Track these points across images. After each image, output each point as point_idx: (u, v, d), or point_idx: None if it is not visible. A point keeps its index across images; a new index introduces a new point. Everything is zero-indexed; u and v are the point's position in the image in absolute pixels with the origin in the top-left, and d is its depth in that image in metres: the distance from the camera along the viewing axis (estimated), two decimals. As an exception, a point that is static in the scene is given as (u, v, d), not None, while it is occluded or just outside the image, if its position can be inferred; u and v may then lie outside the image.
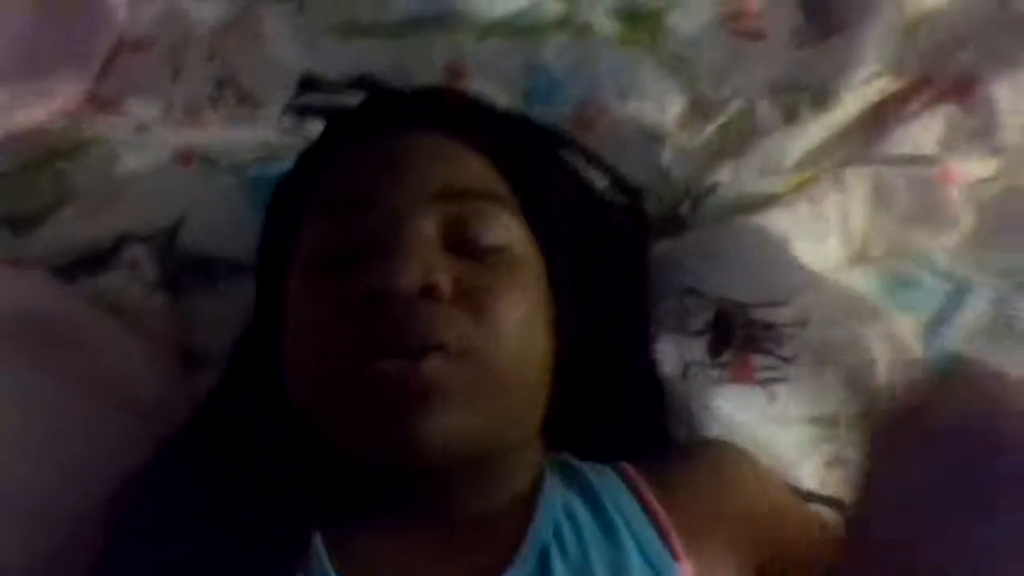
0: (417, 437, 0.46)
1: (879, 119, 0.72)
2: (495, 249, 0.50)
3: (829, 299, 0.60)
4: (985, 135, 0.70)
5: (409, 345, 0.46)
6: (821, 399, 0.60)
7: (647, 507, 0.51)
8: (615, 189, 0.63)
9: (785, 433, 0.59)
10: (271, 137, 0.72)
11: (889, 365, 0.60)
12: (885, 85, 0.73)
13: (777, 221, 0.62)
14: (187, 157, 0.70)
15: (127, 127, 0.74)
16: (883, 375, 0.60)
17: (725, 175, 0.69)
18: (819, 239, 0.62)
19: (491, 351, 0.47)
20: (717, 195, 0.67)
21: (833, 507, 0.56)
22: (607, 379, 0.57)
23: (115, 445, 0.56)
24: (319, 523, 0.48)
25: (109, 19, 0.82)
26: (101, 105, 0.78)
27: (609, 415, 0.57)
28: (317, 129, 0.65)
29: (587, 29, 0.79)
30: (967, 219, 0.66)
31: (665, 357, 0.61)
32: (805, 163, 0.70)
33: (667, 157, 0.71)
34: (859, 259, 0.64)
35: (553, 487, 0.51)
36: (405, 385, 0.46)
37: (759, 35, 0.79)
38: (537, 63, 0.78)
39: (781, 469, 0.57)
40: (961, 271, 0.63)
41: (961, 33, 0.75)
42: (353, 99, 0.62)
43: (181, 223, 0.66)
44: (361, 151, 0.54)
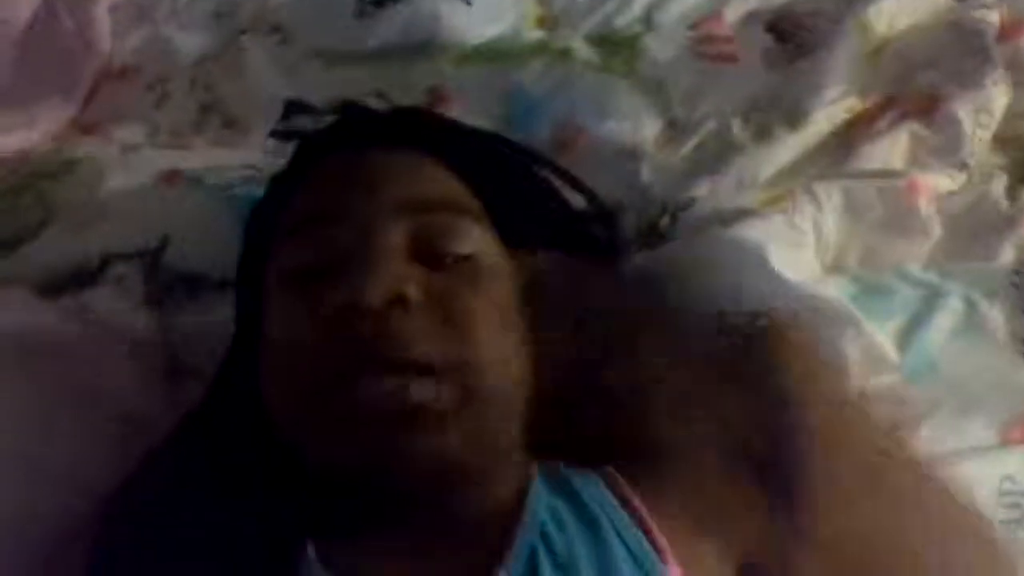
0: (403, 457, 0.46)
1: (848, 137, 0.74)
2: (463, 258, 0.51)
3: (803, 307, 0.61)
4: (949, 151, 0.72)
5: (382, 358, 0.47)
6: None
7: (633, 511, 0.51)
8: (590, 207, 0.64)
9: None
10: (256, 159, 0.73)
11: (863, 371, 0.61)
12: (853, 105, 0.76)
13: (753, 232, 0.63)
14: (172, 177, 0.70)
15: (112, 149, 0.75)
16: (858, 381, 0.61)
17: (702, 191, 0.70)
18: (794, 248, 0.64)
19: (463, 361, 0.48)
20: (694, 209, 0.69)
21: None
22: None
23: (104, 459, 0.56)
24: (311, 533, 0.48)
25: (93, 48, 0.83)
26: (86, 130, 0.79)
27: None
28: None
29: (565, 54, 0.82)
30: (936, 230, 0.67)
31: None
32: (778, 179, 0.71)
33: (646, 174, 0.73)
34: (833, 269, 0.66)
35: (539, 491, 0.52)
36: (389, 408, 0.46)
37: (731, 58, 0.81)
38: (516, 88, 0.80)
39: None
40: (933, 279, 0.64)
41: (923, 55, 0.78)
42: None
43: (167, 241, 0.67)
44: (330, 167, 0.55)
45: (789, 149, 0.73)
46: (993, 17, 0.77)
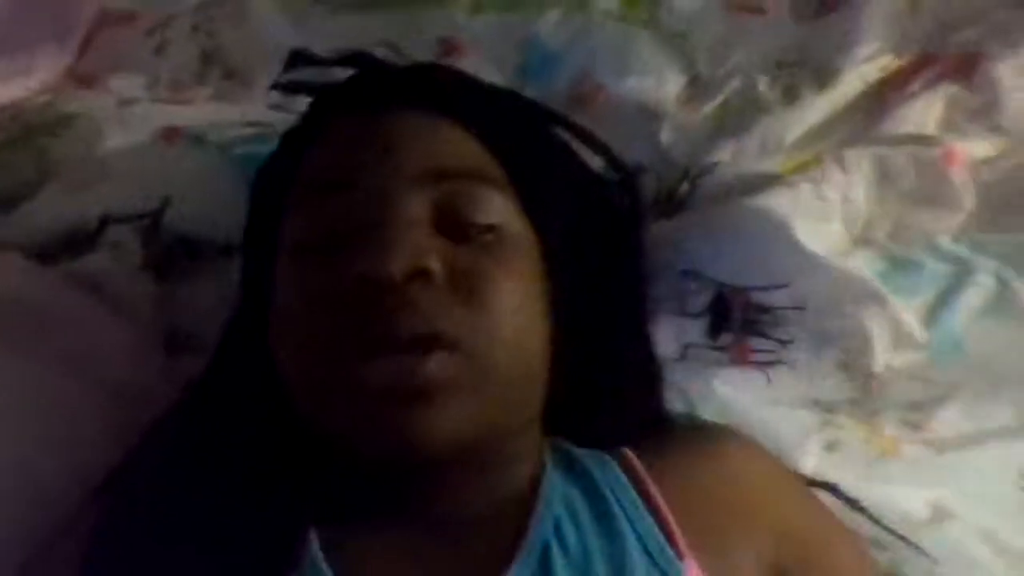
0: (417, 434, 0.44)
1: (880, 98, 0.71)
2: (488, 228, 0.48)
3: (829, 282, 0.59)
4: (987, 115, 0.68)
5: (401, 335, 0.45)
6: (819, 383, 0.59)
7: (648, 500, 0.50)
8: (610, 168, 0.62)
9: (783, 416, 0.58)
10: (258, 114, 0.70)
11: (888, 349, 0.59)
12: (886, 63, 0.72)
13: (779, 202, 0.60)
14: (172, 134, 0.68)
15: (110, 103, 0.72)
16: (882, 359, 0.59)
17: (725, 154, 0.67)
18: (821, 221, 0.61)
19: (487, 338, 0.46)
20: (716, 175, 0.66)
21: (831, 492, 0.56)
22: (604, 361, 0.56)
23: (99, 430, 0.55)
24: (313, 520, 0.47)
25: (89, -8, 0.80)
26: (82, 81, 0.77)
27: (606, 398, 0.56)
28: (306, 106, 0.63)
29: (583, 3, 0.78)
30: (970, 200, 0.65)
31: (664, 339, 0.60)
32: (806, 142, 0.68)
33: (666, 136, 0.70)
34: (862, 241, 0.63)
35: (554, 479, 0.50)
36: (401, 387, 0.44)
37: (758, 10, 0.77)
38: (532, 38, 0.77)
39: (779, 453, 0.56)
40: (963, 253, 0.62)
41: (964, 10, 0.74)
42: (344, 75, 0.60)
43: (167, 204, 0.65)
44: (348, 128, 0.52)
45: (818, 110, 0.70)
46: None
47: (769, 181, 0.63)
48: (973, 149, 0.66)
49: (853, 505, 0.55)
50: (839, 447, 0.58)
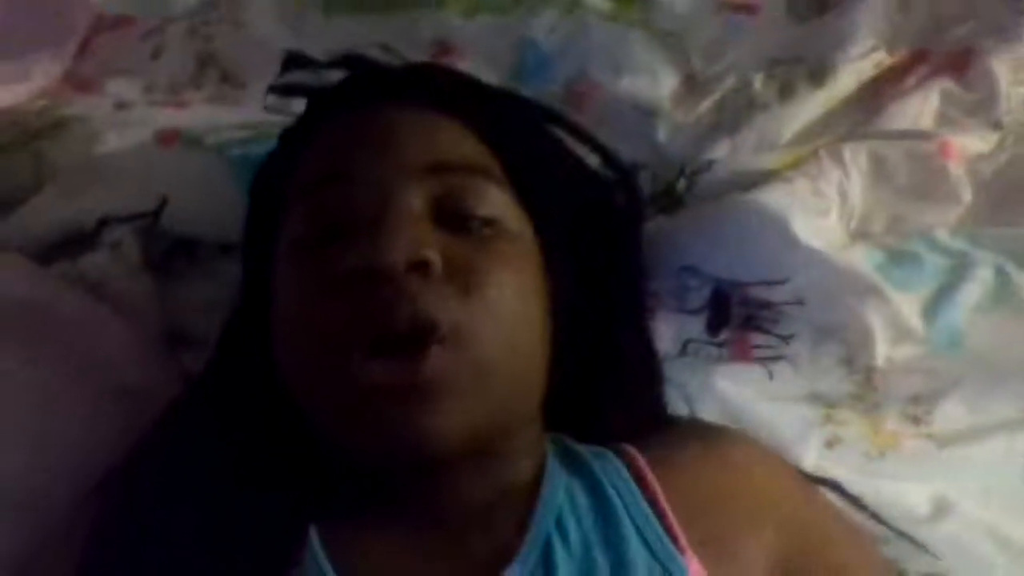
0: (418, 432, 0.44)
1: (875, 94, 0.71)
2: (486, 222, 0.48)
3: (828, 277, 0.59)
4: (982, 110, 0.69)
5: (400, 325, 0.44)
6: (820, 377, 0.59)
7: (649, 494, 0.49)
8: (607, 165, 0.62)
9: (784, 412, 0.58)
10: (255, 117, 0.70)
11: (889, 343, 0.59)
12: (881, 60, 0.72)
13: (776, 198, 0.60)
14: (169, 137, 0.68)
15: (106, 106, 0.72)
16: (882, 353, 0.59)
17: (721, 152, 0.68)
18: (818, 215, 0.61)
19: (485, 330, 0.46)
20: (713, 172, 0.66)
21: (832, 489, 0.55)
22: (604, 357, 0.56)
23: (102, 432, 0.55)
24: (314, 516, 0.47)
25: (85, -3, 0.80)
26: (79, 85, 0.76)
27: (607, 394, 0.55)
28: (301, 108, 0.63)
29: (577, 4, 0.78)
30: (967, 194, 0.65)
31: (663, 334, 0.60)
32: (802, 139, 0.69)
33: (662, 134, 0.70)
34: (859, 235, 0.63)
35: (555, 473, 0.50)
36: (402, 383, 0.44)
37: (752, 9, 0.78)
38: (526, 39, 0.77)
39: (780, 449, 0.56)
40: (961, 247, 0.62)
41: (957, 6, 0.74)
42: (339, 77, 0.60)
43: (164, 204, 0.64)
44: (345, 125, 0.52)
45: (813, 107, 0.70)
46: (1032, -36, 0.73)
47: (766, 177, 0.63)
48: (969, 143, 0.66)
49: (855, 502, 0.55)
50: (840, 442, 0.57)
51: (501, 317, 0.46)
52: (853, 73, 0.71)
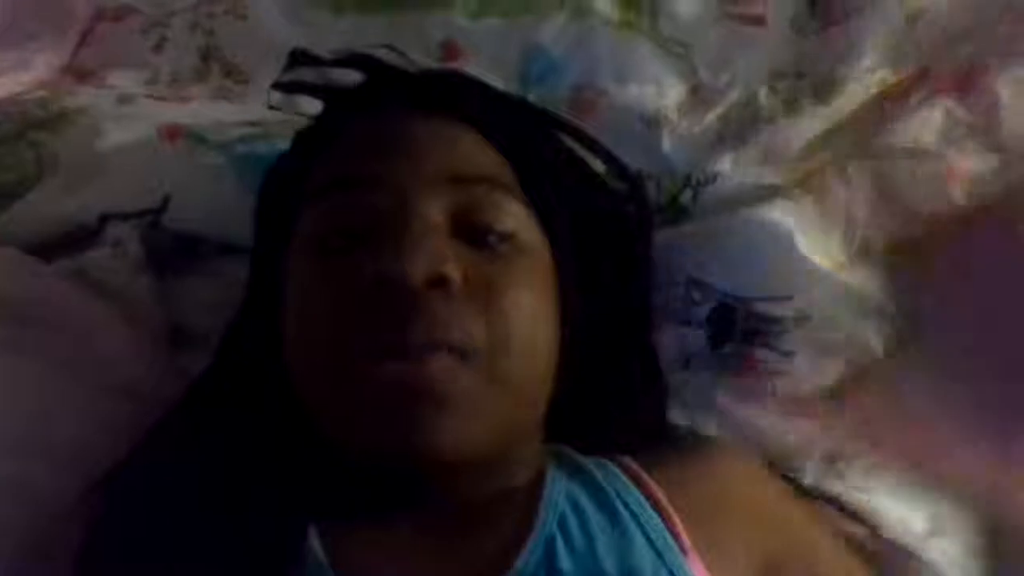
0: (423, 438, 0.44)
1: (880, 112, 0.71)
2: (504, 237, 0.49)
3: (831, 295, 0.59)
4: (985, 130, 0.69)
5: (413, 341, 0.45)
6: (821, 395, 0.59)
7: (652, 499, 0.50)
8: (615, 175, 0.62)
9: (784, 427, 0.59)
10: (258, 114, 0.69)
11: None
12: (884, 77, 0.73)
13: (782, 214, 0.61)
14: (172, 133, 0.67)
15: (108, 98, 0.71)
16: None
17: (726, 164, 0.67)
18: (823, 233, 0.61)
19: (503, 349, 0.46)
20: (718, 184, 0.66)
21: (832, 504, 0.56)
22: (609, 368, 0.56)
23: (100, 432, 0.54)
24: (315, 517, 0.47)
25: (86, -13, 0.79)
26: (80, 76, 0.75)
27: (610, 407, 0.56)
28: (307, 106, 0.63)
29: (585, 10, 0.78)
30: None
31: (666, 347, 0.60)
32: (807, 153, 0.69)
33: (667, 145, 0.70)
34: (862, 255, 0.63)
35: (556, 478, 0.50)
36: (410, 387, 0.44)
37: (759, 21, 0.77)
38: (533, 44, 0.77)
39: (781, 464, 0.57)
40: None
41: (962, 25, 0.74)
42: (345, 76, 0.60)
43: (167, 202, 0.64)
44: (368, 129, 0.52)
45: (817, 122, 0.70)
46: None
47: (771, 192, 0.63)
48: (972, 164, 0.67)
49: (854, 516, 0.55)
50: (840, 458, 0.58)
51: (518, 335, 0.47)
52: (857, 89, 0.72)
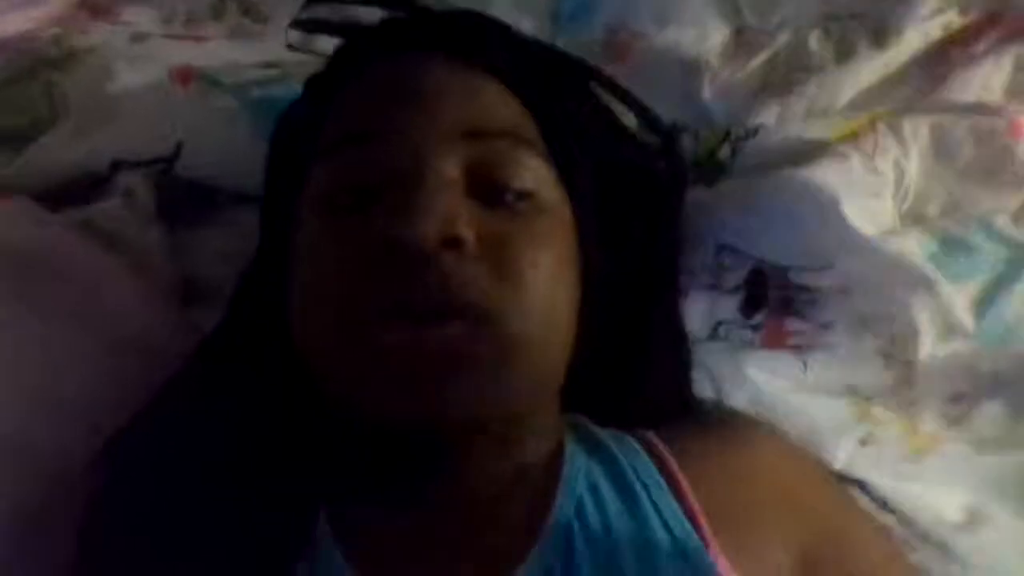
0: (434, 403, 0.42)
1: (941, 60, 0.65)
2: (522, 195, 0.46)
3: (875, 265, 0.55)
4: (1060, 81, 0.63)
5: (424, 303, 0.42)
6: (857, 370, 0.56)
7: (673, 482, 0.48)
8: (647, 129, 0.58)
9: (817, 405, 0.56)
10: (276, 55, 0.66)
11: (935, 338, 0.55)
12: (950, 21, 0.67)
13: (826, 175, 0.56)
14: (186, 75, 0.64)
15: (122, 37, 0.69)
16: (927, 347, 0.56)
17: (769, 117, 0.63)
18: (872, 196, 0.57)
19: (518, 312, 0.43)
20: (760, 138, 0.62)
21: (860, 490, 0.53)
22: (629, 335, 0.53)
23: (108, 385, 0.53)
24: (325, 501, 0.45)
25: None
26: (95, 12, 0.73)
27: (632, 376, 0.53)
28: (325, 46, 0.59)
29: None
30: (1033, 178, 0.60)
31: (694, 313, 0.57)
32: (858, 106, 0.64)
33: (707, 93, 0.66)
34: (913, 219, 0.59)
35: (575, 457, 0.48)
36: (420, 351, 0.42)
37: (813, -43, 0.71)
38: (565, -18, 0.72)
39: (811, 444, 0.54)
40: (1022, 237, 0.58)
41: (1038, -37, 0.68)
42: (365, 14, 0.56)
43: (179, 149, 0.62)
44: (379, 77, 0.48)
45: (873, 71, 0.65)
46: None
47: (817, 149, 0.59)
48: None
49: (882, 504, 0.53)
50: (874, 441, 0.55)
51: (533, 299, 0.44)
52: (919, 34, 0.66)
